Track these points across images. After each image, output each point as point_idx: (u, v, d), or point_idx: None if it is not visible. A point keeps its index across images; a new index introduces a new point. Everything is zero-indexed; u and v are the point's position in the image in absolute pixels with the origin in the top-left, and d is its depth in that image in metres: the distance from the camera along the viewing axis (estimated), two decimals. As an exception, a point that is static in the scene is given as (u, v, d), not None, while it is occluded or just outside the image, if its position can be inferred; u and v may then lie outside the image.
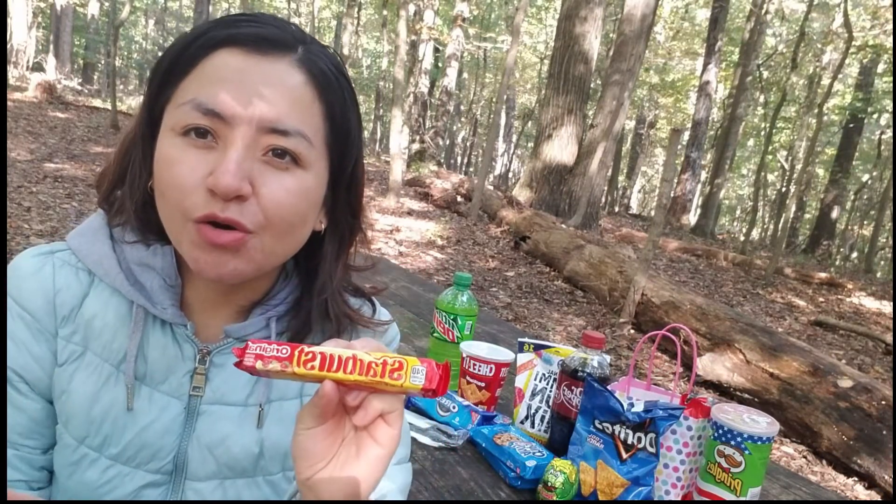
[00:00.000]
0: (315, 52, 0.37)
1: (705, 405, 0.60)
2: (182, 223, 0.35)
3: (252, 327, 0.40)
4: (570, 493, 0.61)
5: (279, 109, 0.35)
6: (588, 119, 6.02)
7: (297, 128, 0.35)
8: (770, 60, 9.38)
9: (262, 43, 0.35)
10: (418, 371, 0.29)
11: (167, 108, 0.36)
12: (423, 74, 8.13)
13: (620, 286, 3.22)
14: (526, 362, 0.77)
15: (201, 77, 0.35)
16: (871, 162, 9.93)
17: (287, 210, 0.36)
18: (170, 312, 0.38)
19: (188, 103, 0.34)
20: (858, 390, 2.05)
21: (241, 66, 0.34)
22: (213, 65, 0.35)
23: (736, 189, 15.41)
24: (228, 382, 0.40)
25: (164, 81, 0.36)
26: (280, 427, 0.41)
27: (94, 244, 0.39)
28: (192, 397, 0.39)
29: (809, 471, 1.92)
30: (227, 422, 0.40)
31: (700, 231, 8.05)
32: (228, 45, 0.35)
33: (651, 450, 0.59)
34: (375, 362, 0.29)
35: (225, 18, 0.36)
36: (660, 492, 0.61)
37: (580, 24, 5.55)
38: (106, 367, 0.38)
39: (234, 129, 0.34)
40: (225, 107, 0.34)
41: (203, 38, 0.35)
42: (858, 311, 4.44)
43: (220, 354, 0.40)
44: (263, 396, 0.40)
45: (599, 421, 0.62)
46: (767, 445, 0.57)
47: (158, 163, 0.36)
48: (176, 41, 0.36)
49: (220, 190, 0.33)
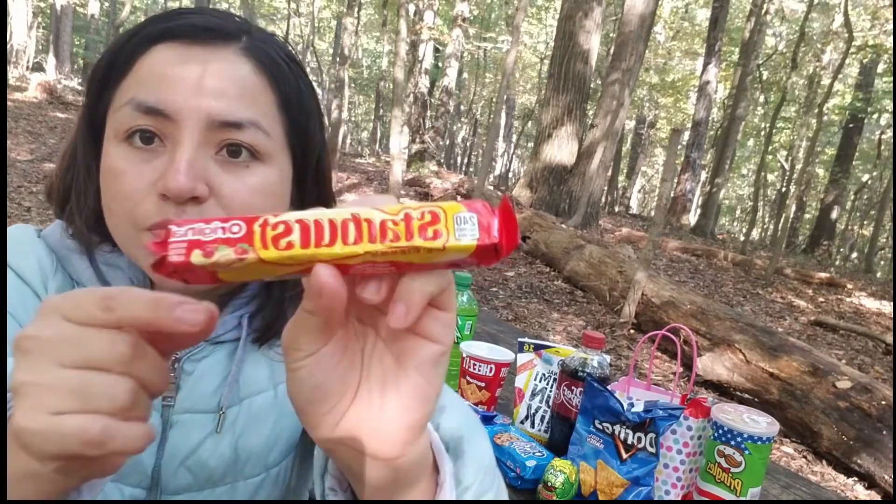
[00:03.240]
0: (261, 39, 0.35)
1: (705, 405, 0.60)
2: (134, 235, 0.32)
3: (223, 327, 0.37)
4: (570, 493, 0.61)
5: (228, 100, 0.32)
6: (588, 119, 6.02)
7: (251, 118, 0.32)
8: (770, 60, 9.38)
9: (201, 33, 0.33)
10: (465, 220, 0.18)
11: (107, 115, 0.34)
12: (423, 74, 8.12)
13: (620, 286, 3.22)
14: (526, 362, 0.77)
15: (139, 76, 0.32)
16: (871, 162, 9.93)
17: (252, 209, 0.32)
18: None
19: (127, 104, 0.32)
20: (858, 390, 2.05)
21: (181, 59, 0.32)
22: (150, 61, 0.32)
23: (736, 189, 15.41)
24: (197, 389, 0.37)
25: (102, 86, 0.34)
26: (254, 426, 0.38)
27: (62, 242, 0.37)
28: (164, 407, 0.37)
29: (809, 471, 1.92)
30: (199, 431, 0.37)
31: (700, 231, 8.04)
32: (166, 40, 0.32)
33: (651, 450, 0.59)
34: (392, 219, 0.18)
35: (162, 14, 0.34)
36: (660, 492, 0.61)
37: (580, 24, 5.55)
38: None
39: (182, 127, 0.31)
40: (167, 103, 0.31)
41: (138, 35, 0.33)
42: (858, 311, 4.44)
43: (189, 361, 0.37)
44: (227, 399, 0.37)
45: (599, 421, 0.62)
46: (767, 445, 0.57)
47: (103, 174, 0.33)
48: (112, 42, 0.34)
49: (173, 192, 0.30)
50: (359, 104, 14.89)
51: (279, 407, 0.39)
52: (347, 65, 7.27)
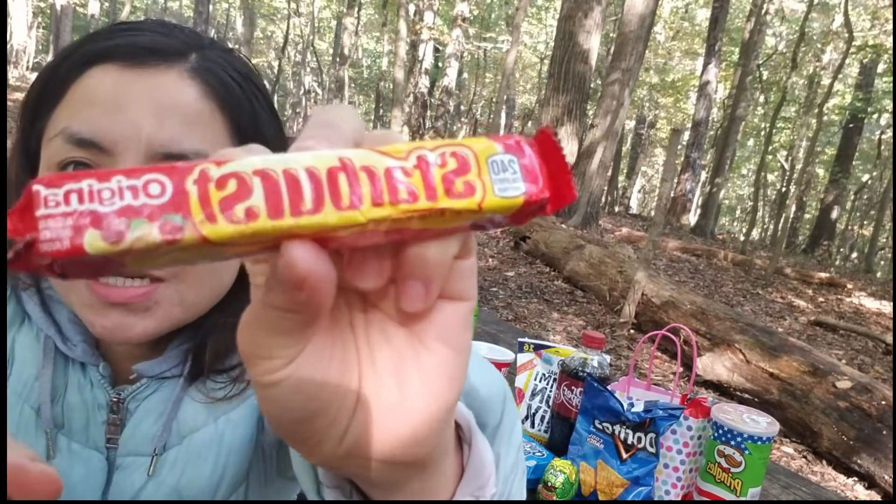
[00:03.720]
0: (212, 58, 0.31)
1: (705, 405, 0.60)
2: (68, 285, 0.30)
3: (167, 363, 0.34)
4: (569, 493, 0.61)
5: (170, 130, 0.29)
6: (588, 119, 6.02)
7: (197, 148, 0.29)
8: (770, 60, 9.38)
9: (140, 53, 0.29)
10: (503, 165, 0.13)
11: (42, 143, 0.31)
12: (423, 74, 8.12)
13: (620, 286, 3.22)
14: (526, 362, 0.77)
15: (72, 103, 0.29)
16: (871, 162, 9.94)
17: None
18: (79, 349, 0.33)
19: (59, 135, 0.29)
20: (858, 390, 2.05)
21: (117, 83, 0.29)
22: (84, 87, 0.29)
23: (736, 189, 15.41)
24: (140, 429, 0.35)
25: (34, 113, 0.31)
26: (195, 465, 0.35)
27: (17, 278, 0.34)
28: (108, 449, 0.34)
29: (809, 471, 1.92)
30: (140, 474, 0.34)
31: (700, 231, 8.04)
32: (101, 62, 0.29)
33: (651, 450, 0.59)
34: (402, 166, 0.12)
35: (100, 31, 0.31)
36: (660, 492, 0.61)
37: (580, 24, 5.55)
38: (26, 410, 0.33)
39: (119, 161, 0.28)
40: (102, 134, 0.28)
41: (71, 57, 0.30)
42: (858, 311, 4.44)
43: (133, 399, 0.35)
44: (160, 441, 0.34)
45: (599, 421, 0.62)
46: (767, 445, 0.57)
47: None
48: (46, 64, 0.31)
49: None
50: (359, 104, 14.90)
51: (220, 441, 0.36)
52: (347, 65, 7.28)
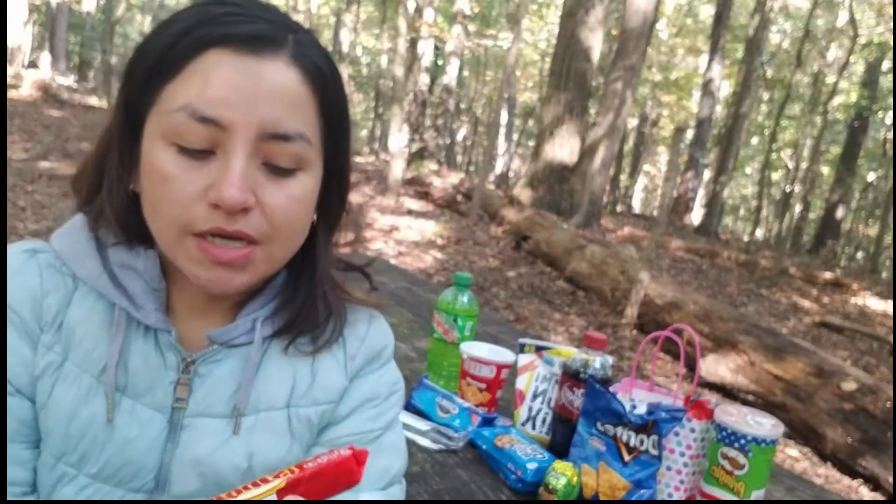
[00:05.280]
0: (305, 42, 0.35)
1: (709, 407, 0.59)
2: (179, 238, 0.33)
3: (237, 330, 0.38)
4: (571, 495, 0.60)
5: (280, 113, 0.33)
6: (590, 117, 5.99)
7: (299, 130, 0.34)
8: (774, 58, 9.32)
9: (254, 42, 0.33)
10: None
11: (151, 111, 0.34)
12: (422, 72, 8.10)
13: (622, 286, 3.20)
14: (527, 363, 0.76)
15: (192, 81, 0.33)
16: (876, 161, 9.86)
17: (292, 218, 0.35)
18: (153, 317, 0.37)
19: (181, 110, 0.32)
20: (863, 392, 2.04)
21: (235, 69, 0.33)
22: (204, 67, 0.33)
23: (740, 188, 15.34)
24: (214, 392, 0.38)
25: (145, 84, 0.34)
26: (270, 439, 0.38)
27: (77, 245, 0.37)
28: (175, 410, 0.37)
29: (814, 473, 1.91)
30: (213, 436, 0.37)
31: (703, 231, 8.01)
32: (218, 46, 0.33)
33: (654, 452, 0.58)
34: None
35: (209, 12, 0.33)
36: (662, 494, 0.60)
37: (582, 21, 5.52)
38: (86, 379, 0.36)
39: (233, 137, 0.32)
40: (223, 113, 0.32)
41: (189, 37, 0.33)
42: (864, 311, 4.41)
43: (204, 364, 0.38)
44: (243, 404, 0.37)
45: (601, 423, 0.61)
46: (771, 447, 0.56)
47: (149, 175, 0.34)
48: (156, 37, 0.34)
49: (227, 205, 0.32)
50: (358, 102, 14.89)
51: (291, 433, 0.39)
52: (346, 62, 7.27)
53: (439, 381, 0.83)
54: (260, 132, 0.33)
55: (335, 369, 0.41)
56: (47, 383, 0.36)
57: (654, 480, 0.59)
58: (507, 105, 10.71)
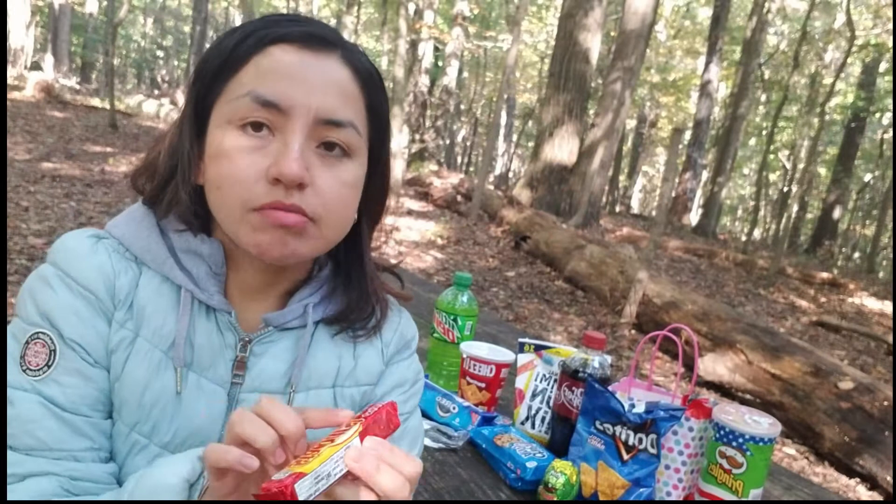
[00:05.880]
0: (353, 50, 0.40)
1: (707, 406, 0.60)
2: (241, 214, 0.36)
3: (290, 314, 0.41)
4: (570, 494, 0.60)
5: (334, 102, 0.37)
6: (589, 118, 6.01)
7: (349, 118, 0.37)
8: (772, 59, 9.34)
9: (312, 40, 0.37)
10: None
11: (217, 103, 0.38)
12: (422, 73, 8.11)
13: (621, 286, 3.21)
14: (526, 363, 0.77)
15: (257, 71, 0.36)
16: (873, 161, 9.90)
17: (342, 201, 0.38)
18: (216, 299, 0.40)
19: (246, 96, 0.36)
20: (860, 391, 2.05)
21: (296, 61, 0.36)
22: (268, 60, 0.37)
23: (738, 189, 15.37)
24: (267, 370, 0.41)
25: (214, 79, 0.38)
26: None
27: (142, 231, 0.40)
28: (233, 385, 0.40)
29: (811, 472, 1.91)
30: None
31: (701, 231, 8.02)
32: (280, 42, 0.37)
33: (652, 451, 0.58)
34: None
35: (270, 18, 0.38)
36: (661, 493, 0.60)
37: (581, 23, 5.54)
38: (156, 354, 0.39)
39: (292, 120, 0.36)
40: (284, 98, 0.36)
41: (253, 36, 0.37)
42: (861, 311, 4.43)
43: (259, 343, 0.41)
44: (296, 380, 0.41)
45: (600, 422, 0.62)
46: (769, 446, 0.57)
47: (214, 157, 0.37)
48: (224, 39, 0.38)
49: (286, 178, 0.35)
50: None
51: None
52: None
53: (439, 380, 0.83)
54: (316, 117, 0.36)
55: (374, 354, 0.44)
56: (121, 357, 0.39)
57: (653, 479, 0.59)
58: (506, 106, 10.72)
